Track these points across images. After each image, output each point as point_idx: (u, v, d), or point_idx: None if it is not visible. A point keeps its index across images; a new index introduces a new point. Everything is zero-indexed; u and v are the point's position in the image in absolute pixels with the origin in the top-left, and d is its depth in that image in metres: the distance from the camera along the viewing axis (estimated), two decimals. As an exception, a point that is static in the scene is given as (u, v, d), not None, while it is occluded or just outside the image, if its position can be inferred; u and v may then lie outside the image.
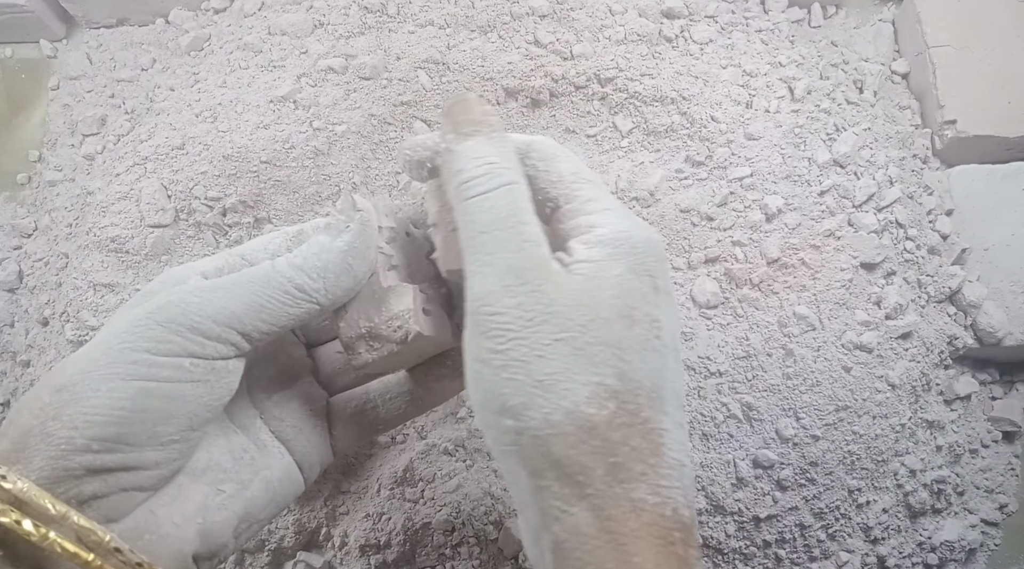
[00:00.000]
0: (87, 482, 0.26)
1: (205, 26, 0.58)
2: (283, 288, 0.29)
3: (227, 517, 0.30)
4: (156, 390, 0.27)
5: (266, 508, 0.32)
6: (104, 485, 0.26)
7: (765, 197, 0.48)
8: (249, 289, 0.28)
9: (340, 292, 0.30)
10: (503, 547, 0.46)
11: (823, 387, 0.46)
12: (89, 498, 0.26)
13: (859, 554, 0.48)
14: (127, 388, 0.26)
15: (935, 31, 0.55)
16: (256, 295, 0.28)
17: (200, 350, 0.28)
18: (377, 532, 0.46)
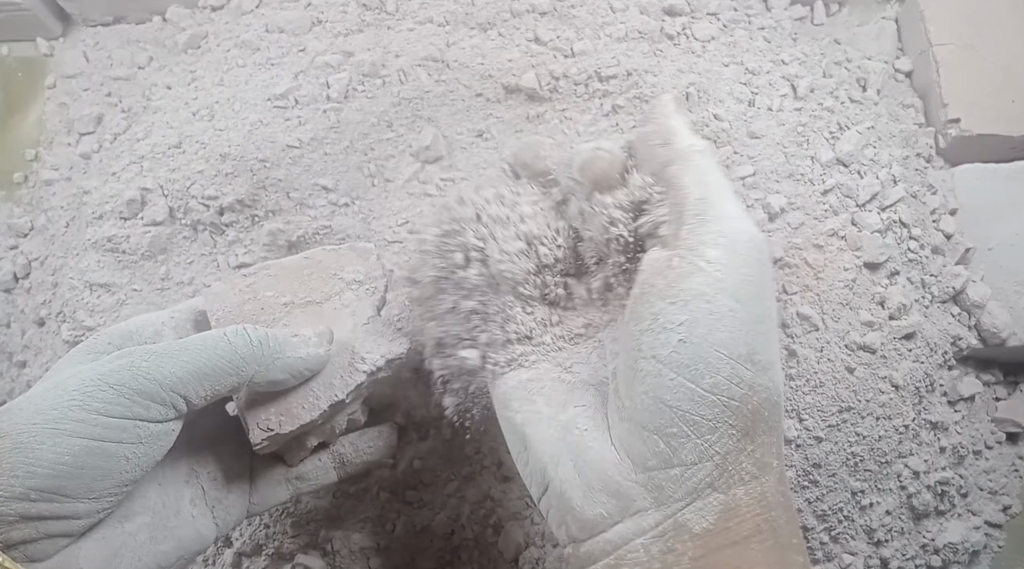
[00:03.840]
0: (18, 528, 0.27)
1: (202, 24, 0.58)
2: (227, 357, 0.30)
3: (140, 567, 0.31)
4: (99, 449, 0.28)
5: (175, 564, 0.33)
6: (34, 531, 0.27)
7: (768, 196, 0.48)
8: (196, 356, 0.30)
9: (274, 380, 0.32)
10: (503, 550, 0.45)
11: (826, 388, 0.45)
12: (17, 542, 0.27)
13: (862, 556, 0.48)
14: (72, 444, 0.28)
15: (939, 29, 0.55)
16: (202, 364, 0.30)
17: (145, 413, 0.29)
18: (376, 535, 0.46)
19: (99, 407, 0.28)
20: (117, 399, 0.28)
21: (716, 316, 0.26)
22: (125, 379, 0.29)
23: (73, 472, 0.27)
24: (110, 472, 0.28)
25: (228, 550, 0.46)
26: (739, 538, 0.26)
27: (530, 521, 0.46)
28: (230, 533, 0.46)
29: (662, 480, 0.27)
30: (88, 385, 0.29)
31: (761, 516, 0.27)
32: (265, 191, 0.49)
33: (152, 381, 0.29)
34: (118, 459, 0.29)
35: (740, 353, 0.26)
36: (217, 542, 0.37)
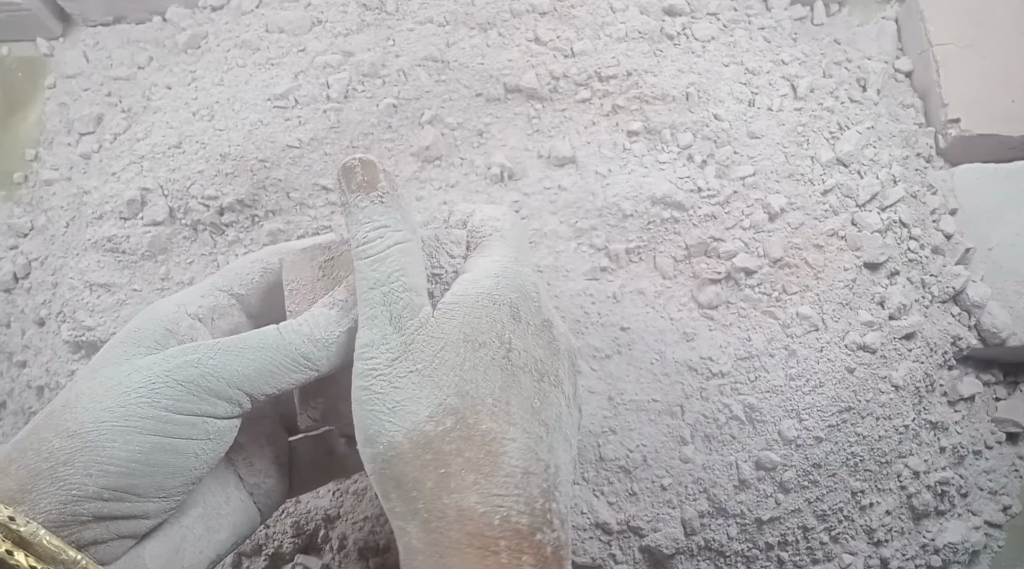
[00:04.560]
0: (91, 528, 0.27)
1: (202, 24, 0.58)
2: (291, 356, 0.30)
3: (202, 560, 0.31)
4: (169, 445, 0.28)
5: (230, 550, 0.33)
6: (105, 532, 0.27)
7: (768, 196, 0.48)
8: (261, 355, 0.30)
9: (339, 362, 0.32)
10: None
11: (826, 388, 0.45)
12: (88, 543, 0.27)
13: (862, 556, 0.48)
14: (143, 442, 0.28)
15: (939, 29, 0.55)
16: (267, 361, 0.30)
17: (212, 410, 0.29)
18: (376, 535, 0.46)
19: (168, 404, 0.28)
20: (186, 396, 0.28)
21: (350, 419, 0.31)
22: (193, 376, 0.29)
23: (145, 469, 0.28)
24: (180, 469, 0.29)
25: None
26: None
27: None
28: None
29: None
30: (155, 382, 0.28)
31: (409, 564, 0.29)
32: (265, 191, 0.49)
33: (219, 379, 0.29)
34: (188, 456, 0.29)
35: (360, 440, 0.30)
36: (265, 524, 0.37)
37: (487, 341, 0.30)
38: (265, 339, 0.30)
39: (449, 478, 0.28)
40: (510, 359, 0.31)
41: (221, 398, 0.29)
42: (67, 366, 0.49)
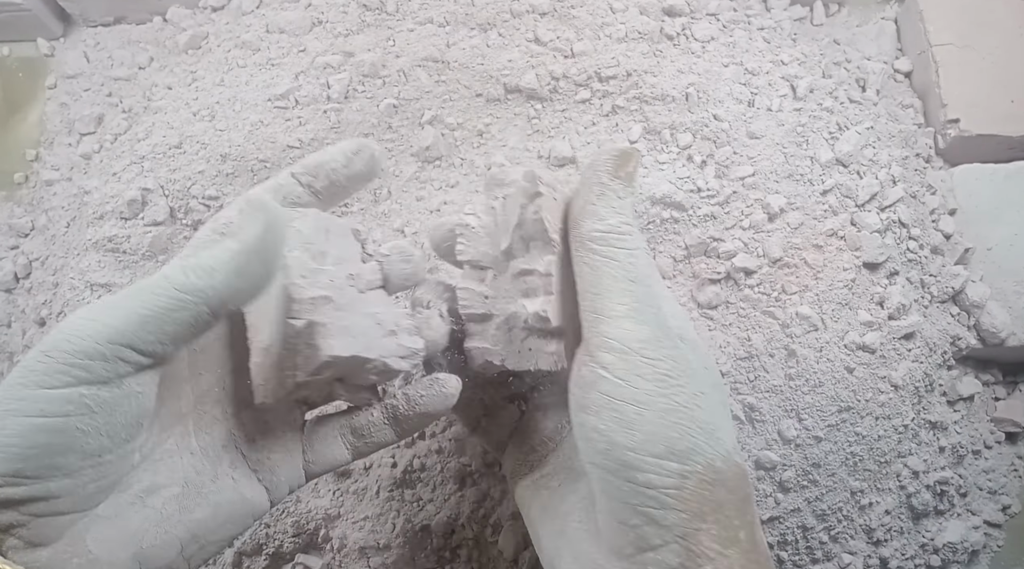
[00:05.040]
0: (1, 513, 0.26)
1: (203, 24, 0.58)
2: (166, 293, 0.27)
3: (168, 540, 0.29)
4: (45, 425, 0.26)
5: (218, 531, 0.31)
6: (18, 515, 0.26)
7: (767, 196, 0.48)
8: (134, 300, 0.27)
9: (229, 293, 0.28)
10: (502, 549, 0.45)
11: (825, 388, 0.45)
12: (7, 528, 0.26)
13: (861, 556, 0.48)
14: (17, 425, 0.26)
15: (938, 29, 0.55)
16: (139, 306, 0.27)
17: (87, 375, 0.26)
18: (376, 534, 0.46)
19: (38, 379, 0.26)
20: (55, 367, 0.26)
21: (625, 423, 0.28)
22: (58, 343, 0.26)
23: (25, 453, 0.26)
24: (68, 447, 0.26)
25: (228, 549, 0.46)
26: None
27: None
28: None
29: (641, 564, 0.28)
30: (29, 360, 0.27)
31: None
32: (265, 191, 0.49)
33: (85, 338, 0.26)
34: (71, 433, 0.26)
35: (658, 451, 0.28)
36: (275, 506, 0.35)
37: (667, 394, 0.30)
38: (141, 283, 0.28)
39: (755, 515, 0.29)
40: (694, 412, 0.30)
41: (94, 359, 0.26)
42: (68, 366, 0.49)
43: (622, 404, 0.28)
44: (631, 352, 0.29)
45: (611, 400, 0.28)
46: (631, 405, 0.28)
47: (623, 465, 0.28)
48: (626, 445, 0.28)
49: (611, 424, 0.28)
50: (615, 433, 0.28)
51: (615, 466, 0.28)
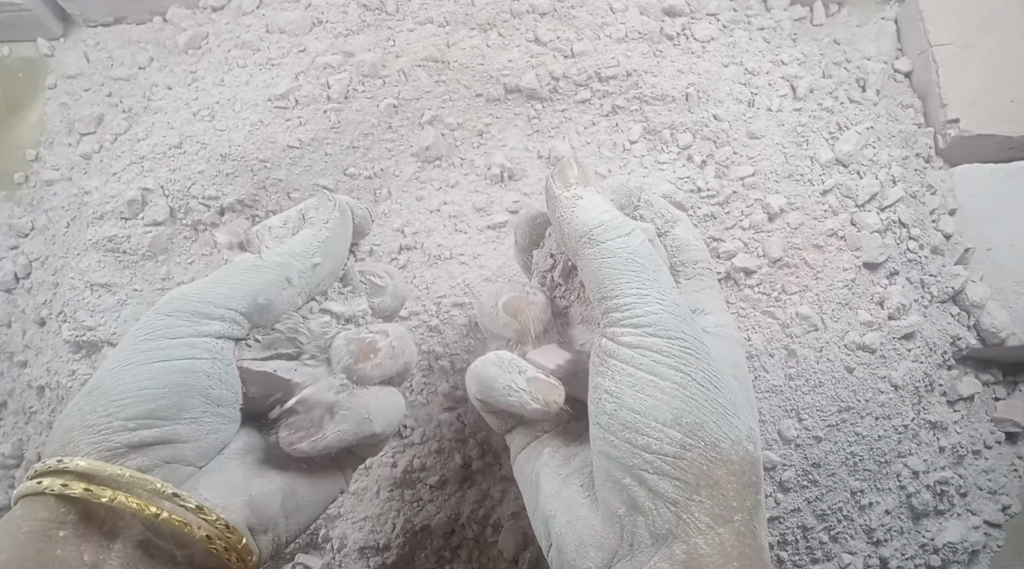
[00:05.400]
0: (131, 458, 0.28)
1: (203, 24, 0.58)
2: (270, 270, 0.32)
3: (271, 490, 0.31)
4: (175, 367, 0.30)
5: (310, 494, 0.33)
6: (146, 459, 0.29)
7: (767, 196, 0.48)
8: (237, 277, 0.32)
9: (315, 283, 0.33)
10: (502, 549, 0.46)
11: (826, 388, 0.45)
12: (138, 468, 0.29)
13: (861, 556, 0.48)
14: (148, 370, 0.29)
15: (938, 29, 0.55)
16: (245, 281, 0.32)
17: (208, 328, 0.31)
18: (376, 534, 0.46)
19: (161, 332, 0.30)
20: (176, 323, 0.30)
21: (637, 387, 0.29)
22: (178, 305, 0.31)
23: (158, 393, 0.29)
24: (194, 388, 0.30)
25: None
26: None
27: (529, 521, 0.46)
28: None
29: (632, 526, 0.29)
30: (147, 321, 0.31)
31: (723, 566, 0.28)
32: (266, 191, 0.49)
33: (203, 302, 0.31)
34: (197, 374, 0.30)
35: (664, 418, 0.29)
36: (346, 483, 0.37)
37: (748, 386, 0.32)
38: (244, 261, 0.32)
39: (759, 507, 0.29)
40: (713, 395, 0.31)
41: (212, 318, 0.31)
42: (68, 366, 0.49)
43: (636, 371, 0.30)
44: (649, 327, 0.30)
45: (626, 367, 0.30)
46: (646, 373, 0.29)
47: (626, 426, 0.29)
48: (634, 407, 0.29)
49: (623, 387, 0.30)
50: (625, 395, 0.29)
51: (618, 426, 0.29)
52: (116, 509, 0.27)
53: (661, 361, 0.29)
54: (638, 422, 0.29)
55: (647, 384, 0.29)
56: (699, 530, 0.28)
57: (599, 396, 0.30)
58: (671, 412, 0.29)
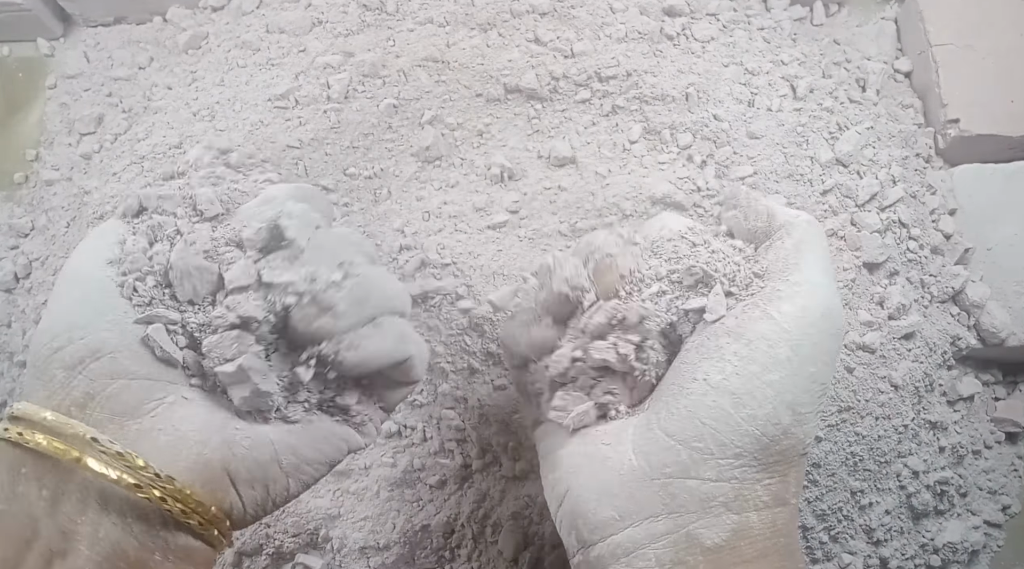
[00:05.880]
0: (73, 386, 0.27)
1: (203, 24, 0.58)
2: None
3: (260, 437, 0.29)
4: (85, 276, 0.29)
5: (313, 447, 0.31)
6: (88, 380, 0.27)
7: (767, 196, 0.48)
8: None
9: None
10: (502, 549, 0.46)
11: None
12: (83, 398, 0.27)
13: (861, 556, 0.48)
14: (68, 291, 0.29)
15: (938, 29, 0.55)
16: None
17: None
18: (376, 534, 0.46)
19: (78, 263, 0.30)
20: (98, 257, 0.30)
21: (773, 359, 0.28)
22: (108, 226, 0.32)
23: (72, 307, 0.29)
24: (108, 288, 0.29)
25: (228, 549, 0.46)
26: (749, 558, 0.28)
27: (530, 521, 0.46)
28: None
29: (677, 489, 0.28)
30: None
31: (771, 541, 0.28)
32: (265, 191, 0.49)
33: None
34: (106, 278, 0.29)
35: (785, 399, 0.28)
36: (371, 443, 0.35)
37: (821, 367, 0.29)
38: None
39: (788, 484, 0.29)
40: (824, 395, 0.30)
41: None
42: (68, 366, 0.49)
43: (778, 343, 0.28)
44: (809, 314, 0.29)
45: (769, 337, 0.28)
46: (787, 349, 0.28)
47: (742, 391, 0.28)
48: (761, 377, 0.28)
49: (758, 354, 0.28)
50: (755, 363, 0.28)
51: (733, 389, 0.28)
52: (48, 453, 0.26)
53: (805, 345, 0.28)
54: (756, 393, 0.28)
55: (783, 360, 0.28)
56: (756, 508, 0.28)
57: (723, 356, 0.29)
58: (791, 394, 0.28)
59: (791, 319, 0.29)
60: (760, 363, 0.28)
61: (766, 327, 0.29)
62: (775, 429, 0.28)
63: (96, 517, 0.26)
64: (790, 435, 0.28)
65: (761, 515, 0.28)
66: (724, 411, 0.28)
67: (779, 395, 0.28)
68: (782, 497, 0.29)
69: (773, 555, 0.28)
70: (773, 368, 0.28)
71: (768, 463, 0.28)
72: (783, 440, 0.28)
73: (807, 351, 0.28)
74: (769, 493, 0.28)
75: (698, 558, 0.28)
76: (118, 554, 0.26)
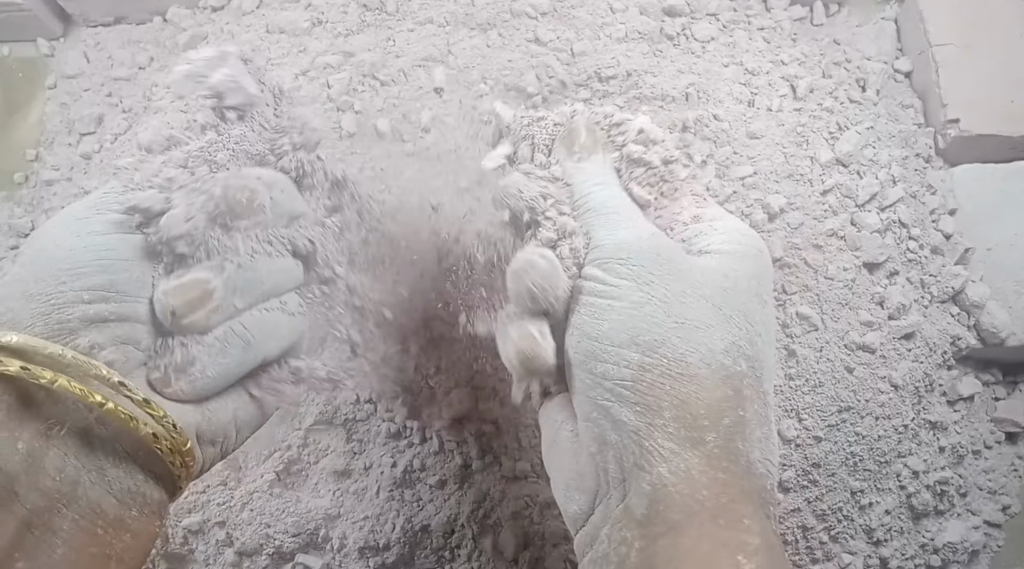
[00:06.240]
0: (83, 334, 0.26)
1: (203, 24, 0.58)
2: None
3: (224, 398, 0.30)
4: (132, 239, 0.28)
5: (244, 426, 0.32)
6: (100, 335, 0.27)
7: (767, 196, 0.48)
8: None
9: None
10: (502, 549, 0.46)
11: (826, 388, 0.45)
12: (87, 350, 0.26)
13: (861, 556, 0.48)
14: (105, 241, 0.27)
15: (938, 29, 0.55)
16: None
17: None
18: (376, 534, 0.46)
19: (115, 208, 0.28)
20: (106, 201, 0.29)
21: (596, 314, 0.29)
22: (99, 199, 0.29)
23: (117, 264, 0.27)
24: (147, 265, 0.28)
25: (229, 549, 0.46)
26: (673, 523, 0.26)
27: (530, 521, 0.46)
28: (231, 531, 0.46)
29: (604, 462, 0.28)
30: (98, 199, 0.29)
31: (690, 496, 0.26)
32: (265, 191, 0.49)
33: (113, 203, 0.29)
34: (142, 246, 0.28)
35: (622, 339, 0.28)
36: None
37: (769, 301, 0.30)
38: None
39: (744, 424, 0.27)
40: (774, 331, 0.30)
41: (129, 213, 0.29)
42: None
43: (597, 299, 0.29)
44: (608, 257, 0.29)
45: (589, 297, 0.29)
46: (603, 299, 0.29)
47: (588, 355, 0.28)
48: (591, 334, 0.28)
49: (585, 317, 0.29)
50: (586, 324, 0.29)
51: (581, 358, 0.28)
52: (56, 394, 0.25)
53: (620, 284, 0.28)
54: (596, 349, 0.28)
55: (604, 309, 0.28)
56: (663, 457, 0.26)
57: (570, 333, 0.29)
58: (628, 333, 0.27)
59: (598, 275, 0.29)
60: (589, 323, 0.29)
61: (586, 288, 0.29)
62: (630, 370, 0.27)
63: (75, 475, 0.25)
64: (648, 367, 0.27)
65: (671, 466, 0.26)
66: (585, 378, 0.28)
67: (615, 340, 0.28)
68: (691, 437, 0.26)
69: (699, 514, 0.26)
70: (598, 321, 0.28)
71: (648, 403, 0.27)
72: (644, 376, 0.27)
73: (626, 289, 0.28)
74: (669, 437, 0.26)
75: (634, 533, 0.26)
76: (97, 513, 0.26)
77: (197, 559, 0.47)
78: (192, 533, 0.46)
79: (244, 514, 0.46)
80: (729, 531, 0.25)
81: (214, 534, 0.46)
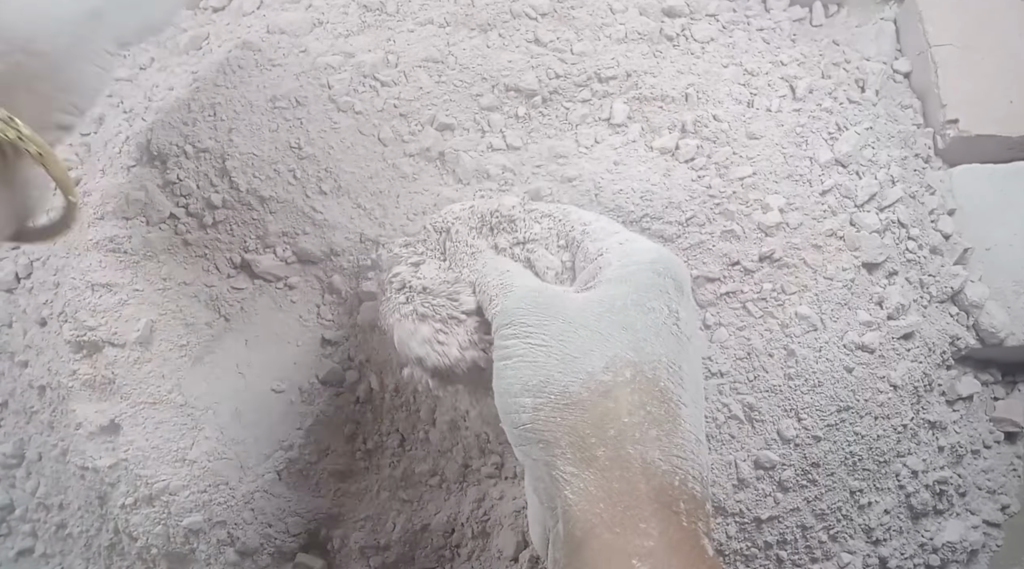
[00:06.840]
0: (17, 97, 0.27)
1: (204, 25, 0.58)
2: None
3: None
4: None
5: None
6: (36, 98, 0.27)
7: (766, 197, 0.48)
8: None
9: None
10: (502, 549, 0.46)
11: (825, 388, 0.46)
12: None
13: (861, 555, 0.48)
14: None
15: (937, 30, 0.55)
16: None
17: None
18: (376, 534, 0.46)
19: None
20: None
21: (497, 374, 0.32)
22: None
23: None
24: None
25: (229, 549, 0.46)
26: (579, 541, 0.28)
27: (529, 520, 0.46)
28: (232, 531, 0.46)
29: (539, 495, 0.31)
30: None
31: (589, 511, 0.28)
32: (266, 191, 0.49)
33: None
34: None
35: (516, 390, 0.31)
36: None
37: (657, 308, 0.31)
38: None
39: (632, 428, 0.29)
40: (679, 327, 0.31)
41: None
42: (69, 366, 0.49)
43: (497, 363, 0.32)
44: (498, 326, 0.32)
45: (496, 364, 0.32)
46: (500, 361, 0.32)
47: (500, 411, 0.31)
48: (498, 392, 0.31)
49: (496, 381, 0.32)
50: (497, 387, 0.31)
51: (499, 414, 0.31)
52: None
53: (509, 344, 0.31)
54: (502, 404, 0.31)
55: (502, 369, 0.31)
56: (567, 481, 0.28)
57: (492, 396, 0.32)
58: (519, 383, 0.30)
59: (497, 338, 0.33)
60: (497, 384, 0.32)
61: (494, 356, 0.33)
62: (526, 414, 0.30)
63: None
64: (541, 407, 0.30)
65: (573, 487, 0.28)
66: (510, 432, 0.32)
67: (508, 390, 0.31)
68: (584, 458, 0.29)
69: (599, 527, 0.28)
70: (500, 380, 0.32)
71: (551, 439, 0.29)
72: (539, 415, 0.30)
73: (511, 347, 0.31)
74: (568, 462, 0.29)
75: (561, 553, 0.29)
76: None
77: (198, 558, 0.47)
78: (193, 532, 0.46)
79: (245, 513, 0.46)
80: (624, 538, 0.27)
81: (215, 533, 0.46)
